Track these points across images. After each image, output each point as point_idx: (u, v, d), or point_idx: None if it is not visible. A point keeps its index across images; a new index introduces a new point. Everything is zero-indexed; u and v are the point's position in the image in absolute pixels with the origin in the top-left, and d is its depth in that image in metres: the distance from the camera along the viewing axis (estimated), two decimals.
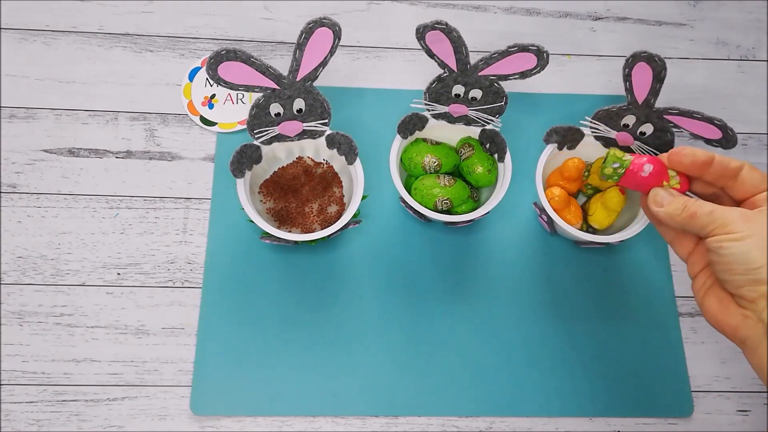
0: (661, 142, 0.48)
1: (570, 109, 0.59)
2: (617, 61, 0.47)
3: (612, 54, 0.63)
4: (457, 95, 0.49)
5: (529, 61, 0.46)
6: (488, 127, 0.51)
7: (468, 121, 0.51)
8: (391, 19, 0.63)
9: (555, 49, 0.62)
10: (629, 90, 0.47)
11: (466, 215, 0.50)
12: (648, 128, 0.48)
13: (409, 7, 0.63)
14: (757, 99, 0.62)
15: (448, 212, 0.51)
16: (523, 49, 0.45)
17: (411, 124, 0.51)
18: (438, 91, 0.49)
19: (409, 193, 0.51)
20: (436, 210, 0.50)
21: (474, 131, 0.52)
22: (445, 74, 0.48)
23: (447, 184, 0.50)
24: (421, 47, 0.46)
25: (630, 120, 0.48)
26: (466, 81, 0.48)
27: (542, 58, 0.46)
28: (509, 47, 0.45)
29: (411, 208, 0.51)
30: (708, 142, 0.47)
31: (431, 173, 0.51)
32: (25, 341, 0.50)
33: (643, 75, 0.46)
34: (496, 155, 0.51)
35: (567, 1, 0.65)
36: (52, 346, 0.50)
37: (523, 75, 0.47)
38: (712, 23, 0.65)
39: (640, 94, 0.47)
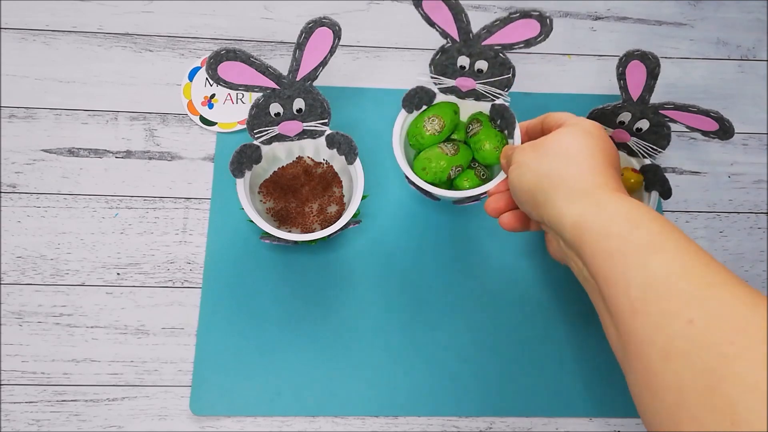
0: (658, 136, 0.48)
1: (570, 109, 0.58)
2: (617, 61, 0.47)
3: (612, 54, 0.63)
4: (462, 67, 0.48)
5: (533, 28, 0.45)
6: (498, 101, 0.50)
7: (478, 96, 0.50)
8: (391, 19, 0.63)
9: (555, 49, 0.62)
10: (623, 88, 0.47)
11: (473, 190, 0.49)
12: (644, 124, 0.48)
13: (409, 7, 0.63)
14: (757, 99, 0.62)
15: (454, 187, 0.51)
16: (525, 15, 0.44)
17: (417, 98, 0.50)
18: (443, 63, 0.48)
19: (417, 174, 0.50)
20: (449, 179, 0.50)
21: (485, 107, 0.51)
22: (448, 44, 0.47)
23: (452, 152, 0.50)
24: (420, 16, 0.45)
25: (626, 117, 0.49)
26: (471, 51, 0.47)
27: (545, 24, 0.44)
28: (511, 13, 0.44)
29: (417, 186, 0.51)
30: (705, 134, 0.48)
31: (435, 135, 0.50)
32: (25, 341, 0.50)
33: (636, 72, 0.46)
34: (506, 131, 0.50)
35: (567, 1, 0.65)
36: (52, 346, 0.50)
37: (528, 43, 0.46)
38: (712, 23, 0.65)
39: (635, 91, 0.47)
